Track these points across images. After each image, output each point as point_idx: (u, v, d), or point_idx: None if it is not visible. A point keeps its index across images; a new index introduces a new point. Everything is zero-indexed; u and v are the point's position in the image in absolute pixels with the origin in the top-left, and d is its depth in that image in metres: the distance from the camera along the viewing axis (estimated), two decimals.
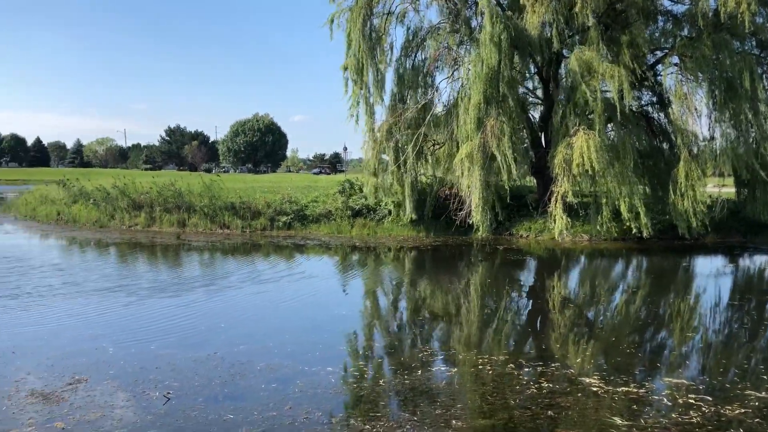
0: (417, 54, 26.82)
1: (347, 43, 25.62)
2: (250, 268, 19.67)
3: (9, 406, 8.02)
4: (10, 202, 44.00)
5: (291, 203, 29.70)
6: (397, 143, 26.46)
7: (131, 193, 31.43)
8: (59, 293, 15.12)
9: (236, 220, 28.80)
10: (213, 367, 9.67)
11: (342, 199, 29.16)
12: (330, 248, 24.19)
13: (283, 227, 28.44)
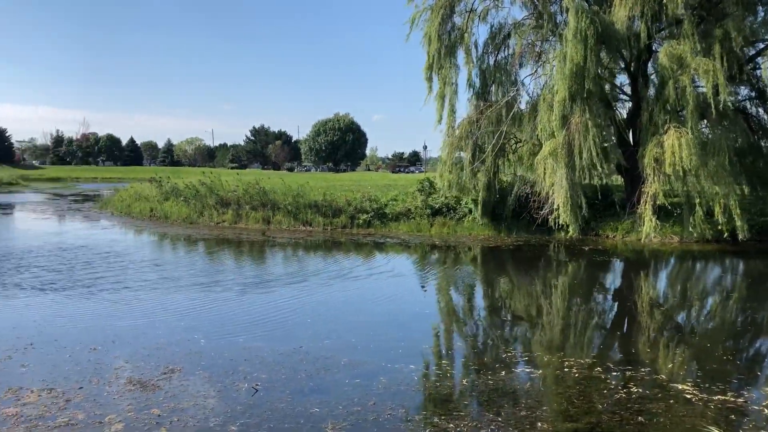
0: (500, 51, 26.53)
1: (427, 42, 25.62)
2: (333, 265, 20.00)
3: (110, 393, 8.49)
4: (107, 199, 46.39)
5: (371, 201, 30.00)
6: (476, 141, 26.25)
7: (219, 191, 32.59)
8: (154, 287, 15.87)
9: (318, 218, 29.34)
10: (298, 360, 9.91)
11: (421, 197, 29.21)
12: (409, 247, 24.27)
13: (363, 225, 28.76)
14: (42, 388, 8.60)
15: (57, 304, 13.73)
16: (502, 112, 25.75)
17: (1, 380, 8.90)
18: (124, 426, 7.37)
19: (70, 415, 7.69)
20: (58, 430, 7.25)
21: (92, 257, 20.24)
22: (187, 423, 7.48)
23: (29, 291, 15.00)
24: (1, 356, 10.00)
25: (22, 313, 12.91)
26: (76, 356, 10.05)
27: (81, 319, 12.59)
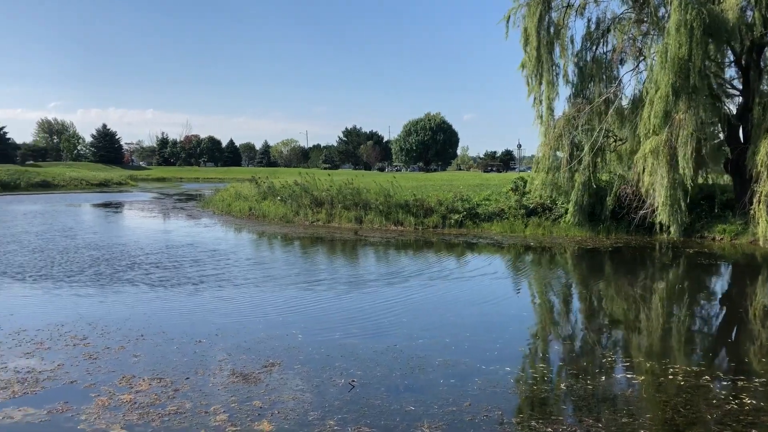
0: (598, 46, 25.71)
1: (524, 39, 25.18)
2: (425, 265, 20.03)
3: (214, 384, 8.87)
4: (208, 198, 48.47)
5: (463, 201, 29.82)
6: (574, 139, 25.56)
7: (313, 191, 33.35)
8: (254, 284, 16.45)
9: (409, 218, 29.46)
10: (393, 358, 9.99)
11: (515, 197, 28.75)
12: (503, 247, 23.94)
13: (454, 225, 28.63)
14: (152, 377, 9.10)
15: (164, 299, 14.49)
16: (600, 109, 24.94)
17: (116, 368, 9.49)
18: (228, 416, 7.68)
19: (179, 403, 8.10)
20: (168, 418, 7.64)
21: (198, 255, 21.21)
22: (287, 416, 7.70)
23: (141, 286, 15.90)
24: (115, 346, 10.65)
25: (134, 306, 13.70)
26: (182, 348, 10.57)
27: (187, 312, 13.23)
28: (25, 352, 10.29)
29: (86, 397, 8.30)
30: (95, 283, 16.15)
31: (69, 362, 9.76)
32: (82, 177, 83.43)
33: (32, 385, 8.76)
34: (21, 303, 14.02)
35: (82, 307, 13.53)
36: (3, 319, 12.35)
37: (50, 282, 16.27)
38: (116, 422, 7.49)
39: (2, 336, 11.20)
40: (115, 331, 11.59)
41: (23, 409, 7.90)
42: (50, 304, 13.95)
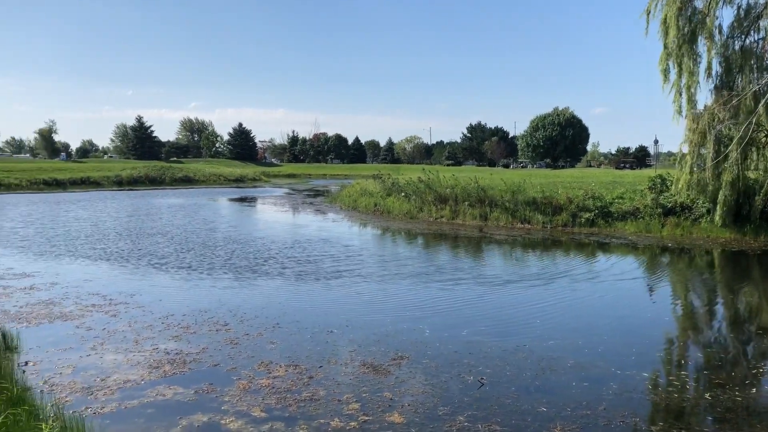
0: (748, 35, 23.78)
1: (664, 30, 23.75)
2: (554, 264, 19.51)
3: (346, 373, 9.12)
4: (335, 194, 49.87)
5: (594, 199, 28.71)
6: (719, 135, 23.82)
7: (437, 188, 33.40)
8: (382, 278, 16.74)
9: (537, 216, 28.77)
10: (523, 358, 9.82)
11: (652, 195, 27.28)
12: (637, 248, 22.81)
13: (585, 224, 27.62)
14: (288, 364, 9.51)
15: (297, 290, 15.08)
16: (748, 102, 23.07)
17: (255, 354, 10.00)
18: (360, 406, 7.87)
19: (313, 390, 8.40)
20: (304, 404, 7.95)
21: (328, 249, 21.91)
22: (417, 409, 7.78)
23: (276, 278, 16.65)
24: (254, 333, 11.22)
25: (270, 296, 14.37)
26: (315, 337, 10.96)
27: (318, 304, 13.69)
28: (173, 335, 11.09)
29: (228, 380, 8.81)
30: (234, 273, 17.09)
31: (212, 346, 10.40)
32: (220, 173, 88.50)
33: (180, 366, 9.42)
34: (168, 290, 15.10)
35: (223, 295, 14.37)
36: (153, 305, 13.37)
37: (194, 271, 17.41)
38: (256, 405, 7.89)
39: (153, 320, 12.12)
40: (253, 318, 12.21)
41: (173, 387, 8.51)
42: (194, 291, 14.92)
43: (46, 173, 71.30)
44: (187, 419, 7.46)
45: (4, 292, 14.58)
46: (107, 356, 9.84)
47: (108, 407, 7.82)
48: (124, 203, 45.71)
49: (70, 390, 8.39)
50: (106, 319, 12.17)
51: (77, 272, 17.21)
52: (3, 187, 63.49)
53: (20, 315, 12.38)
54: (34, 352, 10.09)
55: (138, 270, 17.57)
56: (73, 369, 9.26)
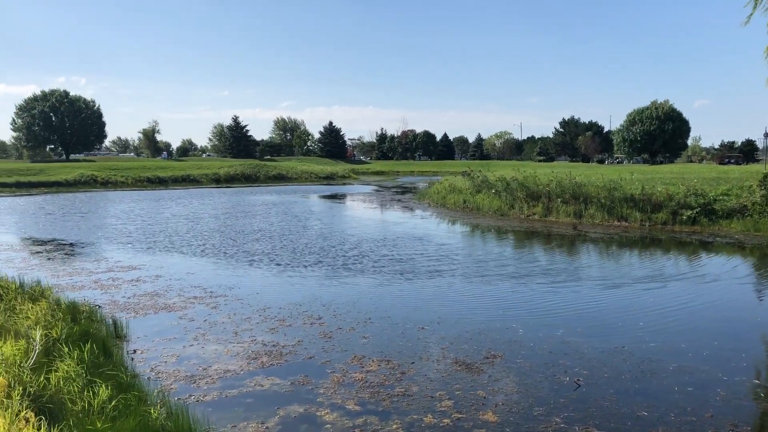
0: None
1: None
2: (654, 263, 18.71)
3: (438, 370, 9.10)
4: (423, 191, 49.89)
5: (697, 196, 27.31)
6: None
7: (529, 184, 32.76)
8: (474, 275, 16.60)
9: (635, 213, 27.68)
10: (622, 360, 9.47)
11: (761, 192, 25.66)
12: (744, 248, 21.52)
13: (686, 222, 26.33)
14: (381, 358, 9.59)
15: (388, 286, 15.17)
16: None
17: (348, 348, 10.15)
18: (453, 403, 7.83)
19: (406, 386, 8.43)
20: (397, 399, 7.99)
21: (419, 246, 21.96)
22: (511, 408, 7.66)
23: (367, 273, 16.83)
24: (346, 327, 11.38)
25: (362, 292, 14.53)
26: (407, 333, 10.99)
27: (409, 300, 13.72)
28: (270, 327, 11.42)
29: (323, 373, 8.98)
30: (327, 269, 17.41)
31: (307, 339, 10.64)
32: (311, 170, 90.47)
33: (277, 357, 9.69)
34: (264, 284, 15.56)
35: (316, 289, 14.67)
36: (251, 298, 13.82)
37: (288, 266, 17.86)
38: (350, 398, 8.01)
39: (251, 312, 12.53)
40: (345, 313, 12.40)
41: (271, 378, 8.77)
42: (289, 285, 15.31)
43: (149, 171, 75.23)
44: (284, 410, 7.66)
45: (113, 283, 15.48)
46: (208, 346, 10.26)
47: (210, 395, 8.15)
48: (221, 200, 47.51)
49: (174, 378, 8.81)
50: (207, 310, 12.68)
51: (179, 266, 18.03)
52: (110, 184, 67.50)
53: (128, 305, 13.10)
54: (141, 341, 10.66)
55: (236, 264, 18.21)
56: (177, 358, 9.71)
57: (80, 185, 65.42)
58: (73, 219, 32.64)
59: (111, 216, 34.39)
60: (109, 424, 6.29)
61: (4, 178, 63.74)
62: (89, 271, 17.24)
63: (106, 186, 66.75)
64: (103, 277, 16.22)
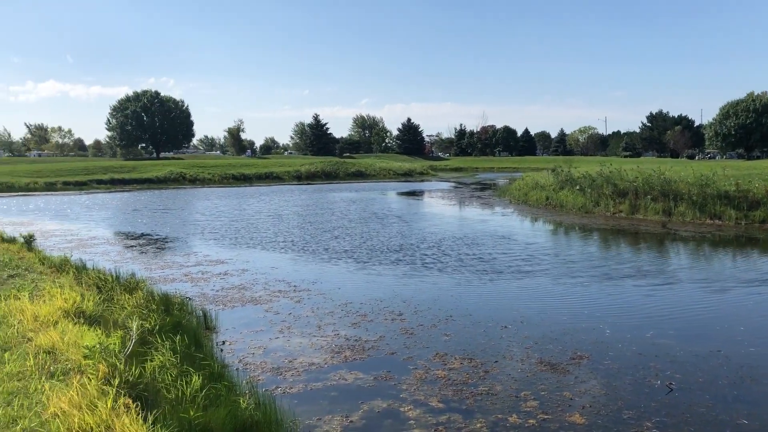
0: None
1: None
2: (751, 264, 17.76)
3: (522, 370, 8.95)
4: (504, 187, 49.18)
5: None
6: None
7: (615, 180, 31.72)
8: (558, 274, 16.23)
9: (729, 211, 26.32)
10: (717, 365, 9.02)
11: None
12: None
13: None
14: (463, 357, 9.52)
15: (469, 283, 15.04)
16: None
17: (430, 345, 10.13)
18: (539, 404, 7.68)
19: (489, 385, 8.34)
20: (480, 398, 7.91)
21: (500, 243, 21.69)
22: (599, 411, 7.44)
23: (448, 270, 16.76)
24: (428, 324, 11.37)
25: (442, 289, 14.46)
26: (489, 332, 10.86)
27: (491, 298, 13.57)
28: (352, 322, 11.55)
29: (405, 369, 9.00)
30: (407, 266, 17.45)
31: (389, 335, 10.69)
32: (390, 167, 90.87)
33: (359, 352, 9.79)
34: (346, 279, 15.75)
35: (397, 286, 14.71)
36: (333, 293, 14.02)
37: (369, 262, 18.01)
38: (433, 395, 7.99)
39: (333, 307, 12.71)
40: (426, 310, 12.38)
41: (354, 373, 8.86)
42: (370, 281, 15.44)
43: (234, 169, 77.61)
44: (367, 404, 7.73)
45: (202, 276, 16.05)
46: (293, 339, 10.48)
47: (295, 387, 8.32)
48: (302, 197, 48.46)
49: (261, 369, 9.04)
50: (292, 304, 12.96)
51: (264, 260, 18.50)
52: (198, 181, 70.06)
53: (217, 298, 13.56)
54: (229, 332, 11.00)
55: (317, 260, 18.51)
56: (264, 350, 9.96)
57: (170, 182, 68.23)
58: (163, 215, 34.10)
59: (198, 212, 35.69)
60: (202, 412, 6.52)
61: (100, 175, 67.27)
62: (179, 264, 17.95)
63: (194, 183, 69.33)
64: (192, 271, 16.86)
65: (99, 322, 9.50)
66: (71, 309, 9.57)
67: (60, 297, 10.08)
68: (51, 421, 5.41)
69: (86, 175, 66.74)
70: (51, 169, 69.51)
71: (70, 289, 10.97)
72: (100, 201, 45.14)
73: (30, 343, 7.65)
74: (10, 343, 7.72)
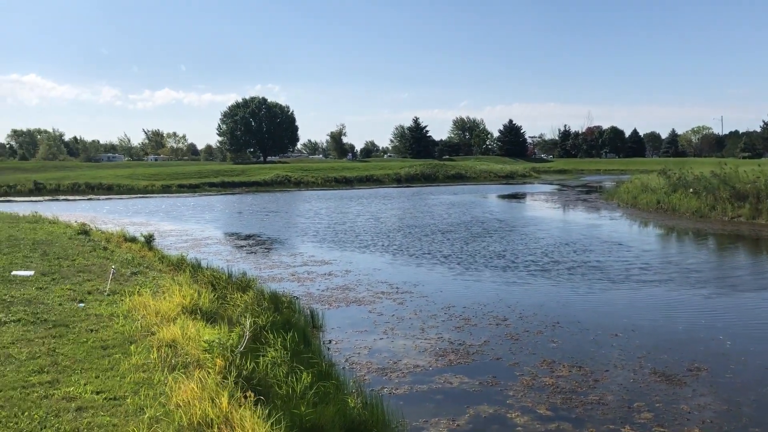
0: None
1: None
2: None
3: (635, 380, 8.59)
4: (611, 190, 47.39)
5: None
6: None
7: (734, 183, 29.84)
8: (672, 283, 15.49)
9: None
10: None
11: None
12: None
13: None
14: (571, 364, 9.25)
15: (577, 290, 14.61)
16: None
17: (536, 351, 9.92)
18: (653, 416, 7.35)
19: (600, 394, 8.06)
20: (591, 407, 7.67)
21: (607, 247, 20.97)
22: (721, 427, 7.04)
23: (554, 275, 16.38)
24: (533, 330, 11.14)
25: (548, 294, 14.13)
26: (598, 340, 10.51)
27: (600, 305, 13.11)
28: (455, 326, 11.50)
29: (511, 375, 8.87)
30: (510, 270, 17.19)
31: (493, 340, 10.57)
32: (490, 170, 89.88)
33: (464, 356, 9.73)
34: (448, 282, 15.71)
35: (501, 290, 14.52)
36: (435, 295, 14.02)
37: (471, 266, 17.89)
38: (541, 403, 7.82)
39: (436, 310, 12.71)
40: (531, 315, 12.14)
41: (459, 377, 8.82)
42: (472, 285, 15.32)
43: (336, 172, 79.28)
44: (473, 409, 7.67)
45: (308, 276, 16.49)
46: (398, 341, 10.57)
47: (401, 389, 8.38)
48: (401, 200, 48.79)
49: (367, 369, 9.18)
50: (394, 306, 13.07)
51: (366, 262, 18.77)
52: (302, 184, 72.07)
53: (322, 297, 13.89)
54: (335, 332, 11.24)
55: (418, 263, 18.57)
56: (369, 350, 10.11)
57: (276, 185, 70.55)
58: (269, 217, 35.33)
59: (302, 214, 36.72)
60: (312, 409, 6.70)
61: (212, 178, 70.55)
62: (286, 264, 18.53)
63: (298, 186, 71.37)
64: (298, 271, 17.36)
65: (214, 318, 9.98)
66: (189, 305, 10.11)
67: (179, 294, 10.66)
68: (175, 411, 5.73)
69: (199, 178, 70.20)
70: (167, 173, 73.70)
71: (188, 287, 11.58)
72: (214, 202, 47.36)
73: (153, 337, 8.13)
74: (135, 336, 8.24)
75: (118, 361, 7.17)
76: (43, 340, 7.94)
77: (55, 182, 61.03)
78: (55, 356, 7.30)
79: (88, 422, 5.52)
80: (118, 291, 11.07)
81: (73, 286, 11.31)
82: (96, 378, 6.63)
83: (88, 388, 6.29)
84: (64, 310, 9.56)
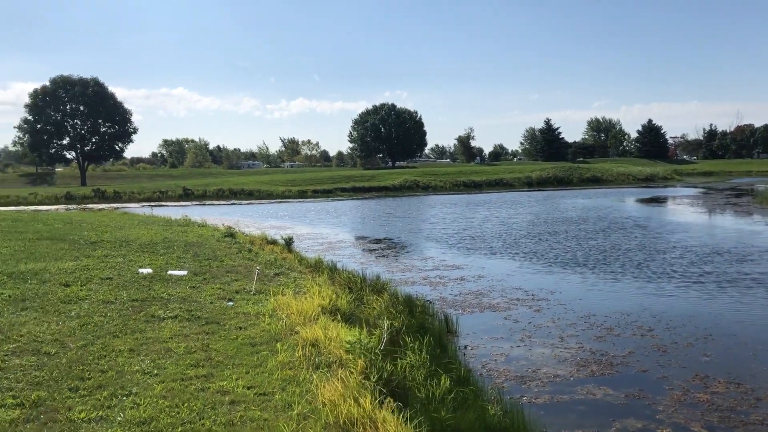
0: None
1: None
2: None
3: None
4: (764, 193, 43.61)
5: None
6: None
7: None
8: None
9: None
10: None
11: None
12: None
13: None
14: (728, 380, 8.58)
15: (733, 302, 13.50)
16: None
17: (687, 365, 9.29)
18: None
19: (764, 415, 7.41)
20: (753, 427, 7.07)
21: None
22: None
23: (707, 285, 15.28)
24: (683, 342, 10.44)
25: (698, 305, 13.19)
26: (759, 355, 9.67)
27: (759, 318, 12.06)
28: (596, 335, 11.02)
29: (660, 389, 8.36)
30: (655, 278, 16.26)
31: (639, 351, 10.02)
32: (628, 172, 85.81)
33: (607, 367, 9.30)
34: (586, 290, 15.09)
35: (645, 299, 13.74)
36: (573, 303, 13.52)
37: (611, 273, 17.11)
38: (695, 420, 7.30)
39: (575, 318, 12.25)
40: (680, 326, 11.40)
41: (603, 388, 8.43)
42: (613, 293, 14.62)
43: (464, 176, 79.03)
44: (620, 422, 7.30)
45: (440, 281, 16.49)
46: (535, 349, 10.29)
47: (541, 398, 8.14)
48: (531, 204, 47.63)
49: (505, 377, 9.00)
50: (531, 313, 12.75)
51: (498, 267, 18.48)
52: (430, 188, 72.47)
53: (456, 302, 13.83)
54: (470, 337, 11.13)
55: (554, 269, 18.01)
56: (506, 357, 9.92)
57: (404, 189, 71.44)
58: (400, 220, 35.75)
59: (429, 219, 36.81)
60: (451, 414, 6.66)
61: (343, 183, 72.67)
62: (418, 268, 18.64)
63: (426, 190, 71.81)
64: (431, 275, 17.40)
65: (352, 319, 10.22)
66: (328, 306, 10.42)
67: (318, 295, 11.03)
68: (321, 409, 5.91)
69: (331, 183, 72.61)
70: (302, 179, 76.88)
71: (326, 288, 11.96)
72: (346, 206, 48.71)
73: (297, 336, 8.44)
74: (280, 334, 8.60)
75: (265, 358, 7.52)
76: (197, 336, 8.49)
77: (201, 188, 65.53)
78: (208, 351, 7.78)
79: (241, 416, 5.82)
80: (263, 291, 11.64)
81: (222, 286, 12.03)
82: (246, 374, 6.98)
83: (240, 383, 6.64)
84: (215, 308, 10.18)
